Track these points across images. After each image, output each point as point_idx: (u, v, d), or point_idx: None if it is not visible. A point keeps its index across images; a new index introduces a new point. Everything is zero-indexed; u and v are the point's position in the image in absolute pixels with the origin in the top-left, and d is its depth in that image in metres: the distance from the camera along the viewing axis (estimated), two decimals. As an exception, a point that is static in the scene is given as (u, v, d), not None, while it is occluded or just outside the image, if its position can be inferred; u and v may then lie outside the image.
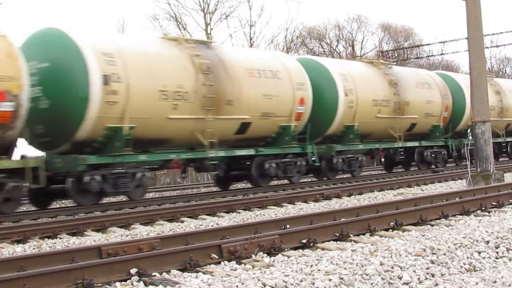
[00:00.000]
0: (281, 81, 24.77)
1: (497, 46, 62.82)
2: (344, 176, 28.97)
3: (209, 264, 8.47)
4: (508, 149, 39.16)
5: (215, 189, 28.66)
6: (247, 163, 24.48)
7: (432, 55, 62.16)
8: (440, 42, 56.39)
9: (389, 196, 19.01)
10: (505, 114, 38.39)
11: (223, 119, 22.53)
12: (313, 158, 26.13)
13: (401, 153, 30.68)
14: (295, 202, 18.18)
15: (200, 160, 22.56)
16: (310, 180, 29.83)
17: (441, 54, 60.26)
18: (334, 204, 17.33)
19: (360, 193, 20.04)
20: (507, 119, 38.54)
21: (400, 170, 33.92)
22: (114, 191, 20.07)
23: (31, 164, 18.08)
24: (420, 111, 31.87)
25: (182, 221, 15.32)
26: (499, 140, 37.45)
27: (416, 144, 31.39)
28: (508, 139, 38.49)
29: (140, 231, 13.54)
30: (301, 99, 25.37)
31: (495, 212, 12.99)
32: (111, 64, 19.55)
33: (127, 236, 12.93)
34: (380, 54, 60.30)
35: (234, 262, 8.62)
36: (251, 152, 24.10)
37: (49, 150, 19.84)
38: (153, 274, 7.87)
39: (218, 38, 70.55)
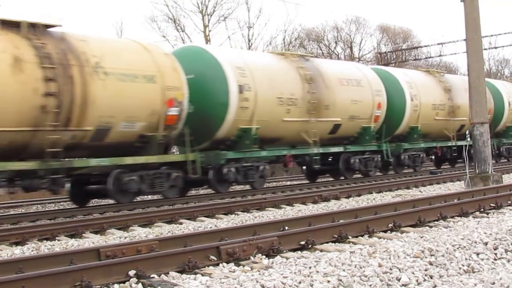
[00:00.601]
0: (363, 88, 28.60)
1: (496, 48, 62.94)
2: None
3: (208, 266, 8.48)
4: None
5: (213, 191, 28.60)
6: (329, 159, 28.22)
7: (430, 57, 62.18)
8: (438, 44, 56.46)
9: (387, 197, 19.01)
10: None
11: (322, 121, 26.33)
12: (388, 154, 30.11)
13: (454, 150, 34.17)
14: (294, 204, 18.18)
15: (302, 156, 26.33)
16: (303, 182, 29.88)
17: (440, 55, 60.20)
18: (333, 205, 17.33)
19: (359, 195, 20.04)
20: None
21: (405, 172, 33.64)
22: (244, 181, 24.14)
23: (191, 157, 22.02)
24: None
25: (181, 223, 15.31)
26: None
27: (464, 143, 31.67)
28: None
29: (139, 233, 13.53)
30: (378, 104, 29.15)
31: (493, 213, 13.01)
32: (243, 76, 23.39)
33: (125, 238, 12.91)
34: (379, 55, 60.32)
35: (233, 264, 8.63)
36: (340, 149, 28.00)
37: (192, 147, 22.57)
38: (152, 276, 7.88)
39: (216, 40, 70.63)
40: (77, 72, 18.45)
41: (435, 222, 11.95)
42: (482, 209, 13.30)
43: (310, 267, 7.66)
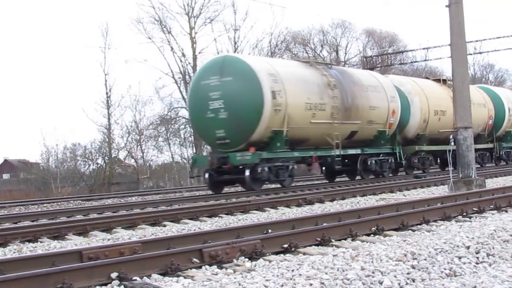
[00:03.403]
0: (380, 94, 31.10)
1: (480, 53, 63.00)
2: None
3: (190, 269, 8.46)
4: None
5: (198, 193, 28.66)
6: (345, 160, 30.05)
7: (415, 61, 62.31)
8: (424, 48, 56.50)
9: (371, 201, 19.05)
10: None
11: (344, 124, 28.56)
12: (401, 157, 32.47)
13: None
14: (278, 207, 18.19)
15: (325, 157, 28.36)
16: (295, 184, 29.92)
17: (425, 60, 60.36)
18: (317, 209, 17.36)
19: (343, 198, 20.08)
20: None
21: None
22: (275, 179, 26.19)
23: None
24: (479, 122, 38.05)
25: (164, 225, 15.29)
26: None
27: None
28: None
29: (122, 235, 13.51)
30: (393, 111, 31.77)
31: (476, 217, 13.04)
32: (275, 82, 25.49)
33: (108, 240, 12.88)
34: (364, 59, 60.40)
35: (215, 266, 8.60)
36: (358, 151, 30.15)
37: (227, 149, 25.51)
38: (134, 278, 7.85)
39: (203, 42, 70.63)
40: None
41: (418, 226, 11.98)
42: (465, 213, 13.34)
43: (292, 270, 7.65)
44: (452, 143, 21.53)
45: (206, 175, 26.39)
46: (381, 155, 31.37)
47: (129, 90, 53.29)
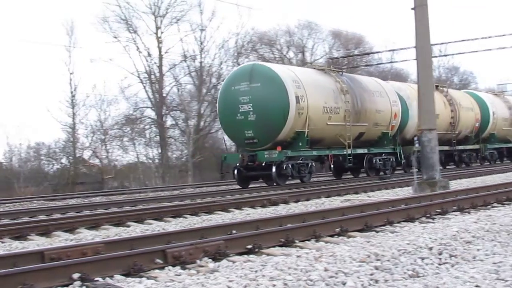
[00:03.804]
0: (384, 99, 34.12)
1: (445, 56, 63.68)
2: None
3: (153, 269, 8.44)
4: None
5: (162, 194, 28.60)
6: (349, 158, 31.67)
7: (381, 63, 62.66)
8: (389, 50, 56.98)
9: (336, 202, 19.09)
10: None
11: (355, 126, 31.50)
12: (401, 156, 35.25)
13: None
14: (242, 208, 18.18)
15: (337, 156, 31.37)
16: (259, 185, 29.95)
17: (391, 62, 60.76)
18: (281, 210, 17.36)
19: (307, 199, 20.10)
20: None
21: (349, 177, 34.44)
22: (297, 175, 28.95)
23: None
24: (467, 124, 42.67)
25: (128, 226, 15.23)
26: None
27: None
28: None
29: (85, 236, 13.43)
30: (395, 114, 34.68)
31: (439, 219, 13.13)
32: (298, 88, 28.45)
33: (71, 240, 12.79)
34: (331, 61, 60.55)
35: (179, 267, 8.59)
36: (365, 151, 33.10)
37: (255, 148, 28.64)
38: (96, 279, 7.80)
39: (169, 42, 70.40)
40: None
41: (382, 227, 12.04)
42: (428, 215, 13.43)
43: (256, 271, 7.66)
44: (417, 144, 21.64)
45: (235, 171, 29.58)
46: (384, 154, 34.21)
47: (94, 89, 52.66)
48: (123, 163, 53.90)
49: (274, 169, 27.87)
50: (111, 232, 13.88)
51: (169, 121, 54.81)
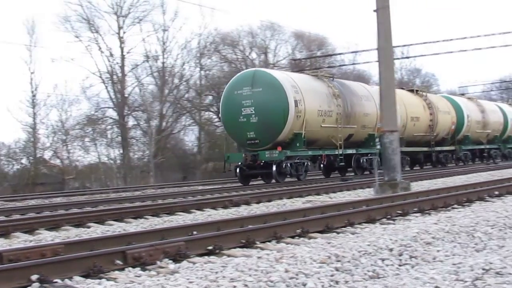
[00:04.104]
0: (370, 103, 36.00)
1: (408, 58, 64.09)
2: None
3: (113, 271, 8.39)
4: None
5: (124, 194, 28.48)
6: (341, 158, 33.42)
7: (344, 65, 62.85)
8: (352, 52, 56.98)
9: (298, 203, 19.08)
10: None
11: (345, 128, 33.42)
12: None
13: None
14: (204, 209, 18.13)
15: (329, 156, 33.26)
16: (215, 187, 29.95)
17: (353, 64, 60.95)
18: (243, 211, 17.33)
19: (269, 200, 20.10)
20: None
21: (310, 178, 34.65)
22: (295, 173, 30.89)
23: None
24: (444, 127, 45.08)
25: (89, 227, 15.14)
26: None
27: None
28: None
29: (45, 237, 13.30)
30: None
31: (400, 220, 13.21)
32: (296, 93, 30.56)
33: (31, 241, 12.68)
34: (293, 62, 60.61)
35: (139, 268, 8.55)
36: (354, 151, 34.65)
37: (256, 148, 30.58)
38: (55, 280, 7.74)
39: (131, 42, 70.04)
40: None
41: (343, 228, 12.08)
42: (389, 216, 13.50)
43: (216, 272, 7.65)
44: (378, 146, 21.75)
45: (238, 170, 31.39)
46: (369, 154, 35.58)
47: (55, 89, 52.34)
48: (84, 163, 53.58)
49: (274, 168, 29.98)
50: (71, 233, 13.78)
51: (131, 122, 54.67)
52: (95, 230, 14.18)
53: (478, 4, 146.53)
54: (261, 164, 30.64)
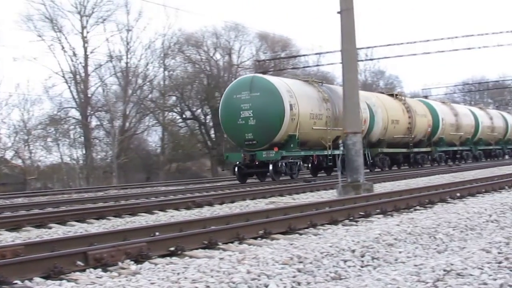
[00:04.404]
0: None
1: (372, 60, 64.39)
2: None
3: (74, 272, 8.33)
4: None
5: (86, 195, 28.32)
6: (330, 158, 35.48)
7: (308, 66, 62.98)
8: (316, 54, 57.14)
9: (261, 204, 19.07)
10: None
11: (334, 130, 34.82)
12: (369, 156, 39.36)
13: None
14: (167, 210, 18.07)
15: (319, 156, 35.06)
16: (178, 188, 29.84)
17: (317, 65, 61.11)
18: (206, 212, 17.30)
19: (232, 201, 20.07)
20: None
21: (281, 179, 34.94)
22: (289, 172, 32.88)
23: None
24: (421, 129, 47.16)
25: (50, 228, 15.03)
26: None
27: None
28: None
29: (5, 238, 13.18)
30: (364, 120, 37.51)
31: (362, 221, 13.27)
32: (291, 97, 32.52)
33: (-9, 242, 12.57)
34: (257, 63, 60.64)
35: (100, 269, 8.51)
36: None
37: (254, 148, 32.33)
38: (15, 282, 7.68)
39: (95, 41, 69.65)
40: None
41: (306, 229, 12.10)
42: (351, 217, 13.54)
43: (178, 273, 7.63)
44: (341, 148, 21.83)
45: (236, 169, 33.50)
46: None
47: (17, 88, 51.87)
48: (46, 163, 53.18)
49: (271, 167, 32.02)
50: (33, 234, 13.67)
51: (94, 122, 54.39)
52: (57, 231, 14.08)
53: (441, 7, 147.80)
54: (256, 163, 32.58)
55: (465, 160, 54.77)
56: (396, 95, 46.90)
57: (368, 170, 38.87)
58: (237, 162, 33.36)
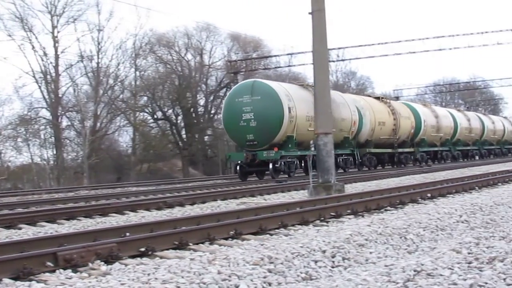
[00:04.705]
0: (346, 109, 40.33)
1: (343, 60, 64.56)
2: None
3: (44, 273, 8.27)
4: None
5: (57, 195, 28.17)
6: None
7: (280, 67, 63.10)
8: (288, 54, 57.28)
9: (232, 205, 19.08)
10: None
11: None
12: (358, 156, 41.82)
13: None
14: (137, 210, 18.01)
15: (313, 156, 36.41)
16: (149, 188, 29.77)
17: (289, 66, 61.25)
18: (177, 212, 17.27)
19: (203, 202, 20.04)
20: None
21: (250, 180, 35.14)
22: (287, 170, 34.84)
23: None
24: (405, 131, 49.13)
25: (20, 228, 14.92)
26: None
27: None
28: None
29: (-26, 238, 13.09)
30: (354, 122, 41.01)
31: (333, 222, 13.29)
32: (290, 101, 34.79)
33: (-41, 243, 12.45)
34: (229, 64, 60.66)
35: (70, 270, 8.45)
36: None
37: (255, 149, 34.49)
38: (-17, 283, 7.62)
39: (65, 41, 69.39)
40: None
41: (276, 230, 12.10)
42: (322, 218, 13.56)
43: (149, 274, 7.60)
44: (313, 148, 21.87)
45: (238, 168, 35.69)
46: (344, 155, 40.18)
47: (-14, 88, 51.69)
48: (16, 164, 52.94)
49: (271, 166, 34.22)
50: (2, 235, 13.56)
51: (64, 122, 54.17)
52: (27, 232, 13.99)
53: (413, 8, 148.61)
54: (255, 162, 34.78)
55: (445, 160, 57.24)
56: (382, 98, 49.00)
57: (356, 169, 43.10)
58: (239, 162, 35.42)
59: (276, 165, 34.22)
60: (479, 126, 65.67)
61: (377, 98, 48.71)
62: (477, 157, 63.71)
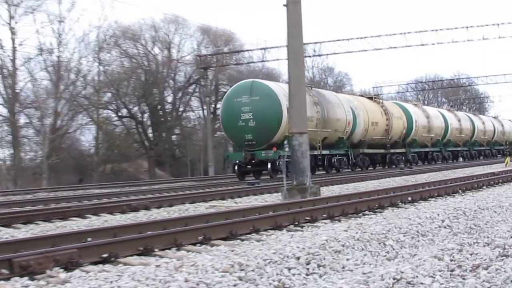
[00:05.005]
0: (341, 110, 42.43)
1: (320, 55, 64.58)
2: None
3: (-2, 280, 8.22)
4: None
5: (13, 198, 28.01)
6: (319, 158, 39.70)
7: (252, 62, 63.05)
8: (261, 49, 57.23)
9: (201, 208, 19.07)
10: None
11: (323, 132, 39.29)
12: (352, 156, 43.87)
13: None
14: (100, 214, 17.94)
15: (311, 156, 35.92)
16: (112, 190, 29.68)
17: (262, 61, 61.18)
18: (142, 216, 17.22)
19: (170, 205, 19.99)
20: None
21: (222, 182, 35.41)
22: (286, 171, 35.25)
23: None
24: (397, 131, 50.93)
25: (-27, 233, 14.82)
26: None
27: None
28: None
29: None
30: (349, 122, 42.84)
31: (308, 227, 13.30)
32: (287, 101, 31.85)
33: None
34: (199, 58, 60.58)
35: (27, 278, 8.39)
36: (327, 152, 40.85)
37: (253, 148, 36.15)
38: None
39: (24, 33, 69.02)
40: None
41: (248, 235, 12.10)
42: (297, 222, 13.57)
43: (111, 282, 7.57)
44: (287, 149, 21.88)
45: (236, 167, 37.40)
46: (338, 155, 42.10)
47: None
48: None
49: (269, 165, 35.92)
50: (-46, 240, 13.47)
51: (22, 119, 53.80)
52: (-20, 237, 13.90)
53: (394, 1, 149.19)
54: (253, 162, 36.59)
55: (435, 161, 58.86)
56: (374, 98, 51.21)
57: (350, 170, 44.97)
58: (237, 161, 37.31)
59: (275, 165, 35.45)
60: (469, 127, 67.87)
61: (370, 98, 50.66)
62: (460, 159, 64.96)
